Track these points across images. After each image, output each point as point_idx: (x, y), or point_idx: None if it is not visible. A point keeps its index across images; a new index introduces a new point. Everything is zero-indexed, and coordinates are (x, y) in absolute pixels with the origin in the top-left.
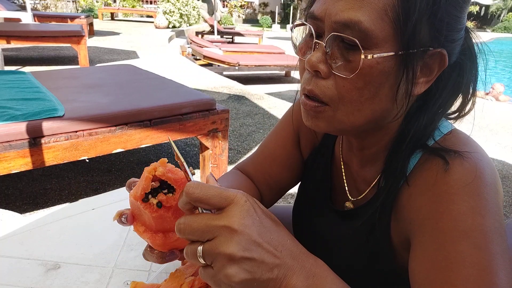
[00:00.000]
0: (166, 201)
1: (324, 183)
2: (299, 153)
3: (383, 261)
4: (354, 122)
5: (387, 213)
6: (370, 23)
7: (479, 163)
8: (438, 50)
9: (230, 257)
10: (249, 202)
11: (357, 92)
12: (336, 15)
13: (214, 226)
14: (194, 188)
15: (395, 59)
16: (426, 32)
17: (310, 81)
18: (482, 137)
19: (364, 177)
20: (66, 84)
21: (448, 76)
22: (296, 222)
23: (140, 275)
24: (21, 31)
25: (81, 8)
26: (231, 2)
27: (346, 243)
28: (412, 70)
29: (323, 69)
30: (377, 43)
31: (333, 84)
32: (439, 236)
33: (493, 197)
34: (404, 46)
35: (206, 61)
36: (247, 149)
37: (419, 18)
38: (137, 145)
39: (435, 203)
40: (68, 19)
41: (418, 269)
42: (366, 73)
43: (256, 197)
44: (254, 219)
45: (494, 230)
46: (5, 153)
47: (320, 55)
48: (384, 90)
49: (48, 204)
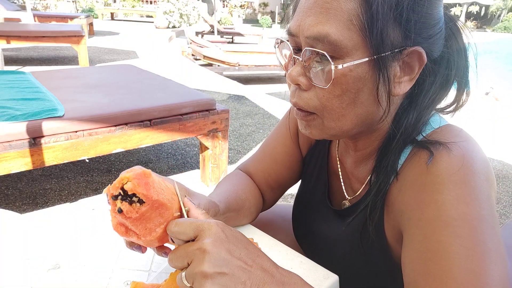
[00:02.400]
0: (126, 211)
1: (321, 181)
2: (298, 151)
3: (379, 257)
4: (341, 127)
5: (378, 208)
6: (338, 34)
7: (468, 152)
8: (413, 48)
9: (204, 274)
10: (219, 226)
11: (337, 100)
12: (307, 30)
13: (190, 251)
14: (172, 226)
15: (368, 64)
16: (396, 34)
17: (294, 94)
18: (482, 137)
19: (358, 176)
20: (66, 84)
21: (436, 71)
22: (296, 220)
23: (140, 275)
24: (21, 31)
25: (81, 8)
26: (231, 2)
27: (343, 240)
28: (387, 72)
29: (303, 81)
30: (347, 52)
31: (315, 94)
32: (423, 227)
33: (482, 185)
34: (374, 51)
35: (206, 61)
36: (247, 149)
37: (384, 22)
38: (137, 145)
39: (422, 193)
40: (68, 19)
41: (406, 261)
42: (341, 81)
43: (257, 196)
44: (222, 240)
45: (479, 218)
46: (5, 153)
47: (299, 69)
48: (364, 94)
49: (48, 204)
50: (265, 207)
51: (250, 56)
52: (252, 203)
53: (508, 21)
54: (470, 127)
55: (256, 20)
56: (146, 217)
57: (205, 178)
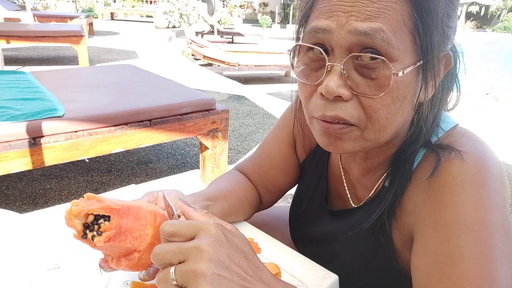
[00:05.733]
0: (104, 229)
1: (320, 187)
2: (295, 156)
3: (384, 262)
4: (379, 138)
5: (389, 214)
6: (392, 32)
7: (484, 155)
8: (446, 52)
9: (201, 273)
10: (219, 228)
11: (385, 109)
12: (352, 24)
13: (185, 248)
14: (166, 226)
15: (416, 69)
16: (439, 38)
17: (327, 107)
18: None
19: (365, 183)
20: (66, 84)
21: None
22: (293, 224)
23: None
24: (21, 31)
25: (81, 8)
26: (231, 2)
27: (344, 244)
28: (429, 77)
29: (344, 93)
30: (398, 55)
31: (358, 104)
32: (440, 229)
33: (499, 189)
34: (423, 55)
35: (206, 61)
36: (247, 149)
37: (435, 26)
38: (137, 145)
39: (439, 194)
40: (68, 19)
41: (419, 263)
42: (394, 89)
43: (255, 197)
44: (222, 243)
45: (497, 224)
46: (5, 153)
47: (337, 79)
48: (406, 102)
49: (48, 204)
50: (263, 207)
51: (250, 56)
52: (244, 198)
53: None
54: (470, 126)
55: (256, 20)
56: (124, 227)
57: (205, 178)
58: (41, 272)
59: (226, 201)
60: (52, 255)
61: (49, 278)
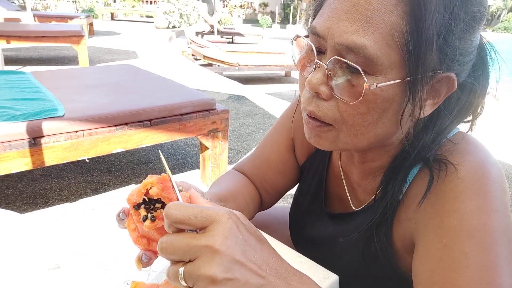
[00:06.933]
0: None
1: (320, 189)
2: (293, 159)
3: (385, 266)
4: (356, 143)
5: (389, 219)
6: (376, 49)
7: (485, 162)
8: (447, 74)
9: (212, 279)
10: (232, 219)
11: (360, 117)
12: (340, 36)
13: (195, 246)
14: (172, 209)
15: (401, 85)
16: (434, 56)
17: (311, 102)
18: (482, 137)
19: (366, 187)
20: (66, 84)
21: (458, 96)
22: (293, 226)
23: (140, 275)
24: (21, 31)
25: (81, 8)
26: (231, 2)
27: (344, 247)
28: (418, 96)
29: (324, 91)
30: (381, 69)
31: (335, 106)
32: (444, 235)
33: (500, 195)
34: (411, 72)
35: (206, 61)
36: (247, 149)
37: (429, 45)
38: (137, 145)
39: (441, 201)
40: (68, 19)
41: (422, 269)
42: (370, 100)
43: (256, 198)
44: (237, 238)
45: (500, 230)
46: (5, 153)
47: (321, 76)
48: (388, 115)
49: (48, 204)
50: (263, 207)
51: (250, 56)
52: (249, 198)
53: (508, 21)
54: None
55: (256, 20)
56: None
57: (205, 178)
58: (41, 272)
59: (235, 201)
60: (52, 255)
61: (49, 278)
